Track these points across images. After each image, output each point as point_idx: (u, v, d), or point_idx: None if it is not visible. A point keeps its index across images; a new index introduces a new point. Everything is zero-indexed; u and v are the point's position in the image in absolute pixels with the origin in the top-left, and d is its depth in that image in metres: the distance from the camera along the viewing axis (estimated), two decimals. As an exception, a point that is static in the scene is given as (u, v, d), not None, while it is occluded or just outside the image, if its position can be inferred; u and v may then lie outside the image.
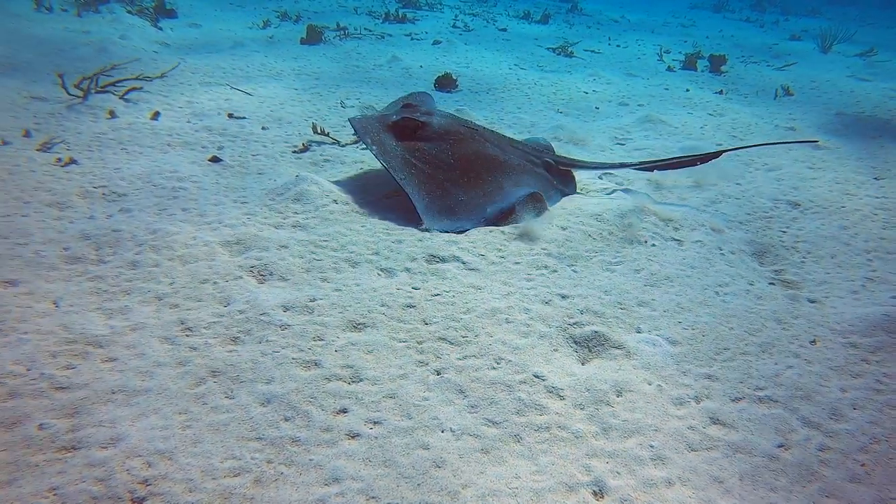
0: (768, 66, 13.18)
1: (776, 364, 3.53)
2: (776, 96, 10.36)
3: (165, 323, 3.48)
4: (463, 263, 4.35)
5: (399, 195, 5.15)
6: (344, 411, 2.96)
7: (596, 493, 2.64)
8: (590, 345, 3.65)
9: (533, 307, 3.91)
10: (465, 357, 3.41)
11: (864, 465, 2.88)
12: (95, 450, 2.59)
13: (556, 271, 4.38)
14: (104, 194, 4.95)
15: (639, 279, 4.37)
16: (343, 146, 6.65)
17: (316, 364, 3.25)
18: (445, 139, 5.20)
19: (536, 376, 3.31)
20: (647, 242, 4.89)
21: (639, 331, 3.80)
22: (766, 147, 7.09)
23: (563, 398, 3.19)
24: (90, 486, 2.41)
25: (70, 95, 6.78)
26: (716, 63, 12.64)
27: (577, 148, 7.07)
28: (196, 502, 2.41)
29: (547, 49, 13.86)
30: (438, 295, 3.97)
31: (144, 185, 5.17)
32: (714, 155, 5.73)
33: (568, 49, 13.69)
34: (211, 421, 2.83)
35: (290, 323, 3.57)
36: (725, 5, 26.06)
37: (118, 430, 2.70)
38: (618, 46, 15.27)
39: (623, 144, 7.49)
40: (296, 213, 4.90)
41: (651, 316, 3.95)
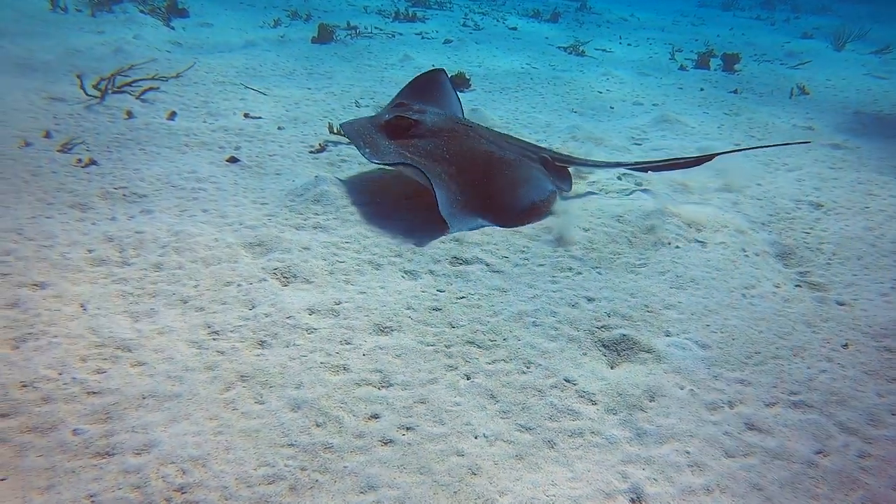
0: (782, 65, 13.09)
1: (809, 368, 3.48)
2: (792, 95, 10.28)
3: (192, 326, 3.46)
4: (487, 265, 4.32)
5: (420, 197, 5.12)
6: (375, 417, 2.93)
7: (634, 501, 2.61)
8: (618, 348, 3.61)
9: (560, 310, 3.87)
10: (495, 361, 3.38)
11: (905, 473, 2.83)
12: (130, 456, 2.57)
13: (581, 273, 4.35)
14: (125, 195, 4.93)
15: (664, 282, 4.33)
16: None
17: (344, 368, 3.23)
18: (440, 136, 5.13)
19: (567, 380, 3.28)
20: (671, 244, 4.84)
21: (667, 334, 3.76)
22: (786, 147, 7.03)
23: (595, 403, 3.16)
24: (127, 494, 2.39)
25: (88, 96, 6.77)
26: (729, 62, 12.55)
27: (596, 147, 7.02)
28: (232, 510, 2.39)
29: (558, 48, 13.80)
30: (464, 298, 3.94)
31: (164, 186, 5.16)
32: (707, 158, 5.79)
33: (579, 48, 13.62)
34: (242, 427, 2.81)
35: (317, 326, 3.54)
36: (734, 3, 25.90)
37: (151, 437, 2.68)
38: (629, 45, 15.19)
39: (640, 144, 7.43)
40: (316, 215, 4.88)
41: (679, 319, 3.91)
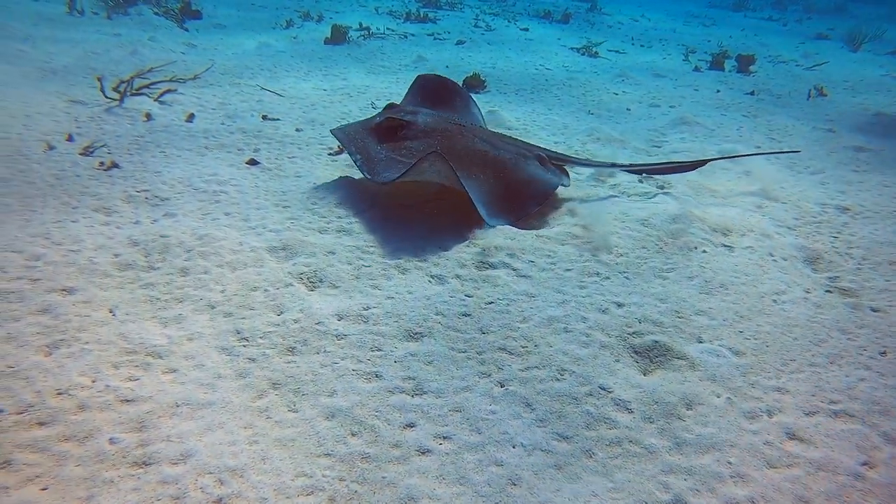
0: (797, 66, 13.00)
1: (847, 377, 3.43)
2: (810, 97, 10.20)
3: (221, 332, 3.43)
4: (514, 270, 4.27)
5: (441, 199, 5.08)
6: (411, 426, 2.89)
7: (678, 513, 2.56)
8: (651, 355, 3.56)
9: (590, 316, 3.82)
10: (528, 368, 3.34)
11: (952, 485, 2.77)
12: (167, 466, 2.54)
13: (609, 278, 4.30)
14: (147, 198, 4.91)
15: (693, 287, 4.27)
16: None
17: (377, 376, 3.19)
18: (433, 136, 5.03)
19: (602, 388, 3.23)
20: (697, 249, 4.79)
21: (700, 340, 3.70)
22: (808, 150, 6.97)
23: (632, 411, 3.11)
24: (166, 505, 2.36)
25: (107, 98, 6.76)
26: (744, 63, 12.47)
27: (616, 150, 6.97)
28: (273, 522, 2.35)
29: (571, 49, 13.75)
30: (492, 303, 3.89)
31: (185, 189, 5.13)
32: (701, 163, 5.77)
33: (592, 49, 13.57)
34: (277, 436, 2.77)
35: (346, 332, 3.51)
36: (745, 4, 25.81)
37: (187, 446, 2.64)
38: (641, 46, 15.13)
39: (660, 147, 7.38)
40: (339, 218, 4.84)
41: (710, 325, 3.85)
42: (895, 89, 10.86)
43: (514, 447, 2.82)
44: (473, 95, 9.24)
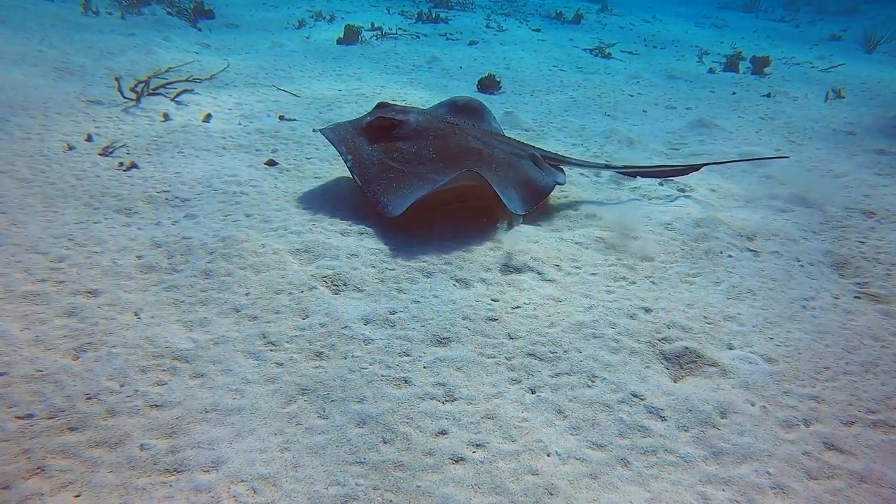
0: (812, 68, 12.90)
1: (884, 385, 3.36)
2: (827, 99, 10.10)
3: (247, 337, 3.39)
4: (539, 274, 4.22)
5: (462, 200, 5.04)
6: (444, 433, 2.84)
7: (719, 526, 2.51)
8: (681, 362, 3.50)
9: (619, 321, 3.77)
10: (558, 374, 3.29)
11: None
12: (199, 473, 2.50)
13: (635, 283, 4.24)
14: (167, 199, 4.87)
15: (720, 292, 4.22)
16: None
17: (406, 382, 3.14)
18: (425, 136, 4.96)
19: (634, 395, 3.18)
20: (723, 253, 4.73)
21: (730, 347, 3.65)
22: (829, 153, 6.90)
23: (665, 419, 3.05)
24: (200, 514, 2.32)
25: (125, 98, 6.74)
26: (759, 65, 12.38)
27: (634, 151, 6.91)
28: (308, 531, 2.31)
29: (583, 50, 13.68)
30: (519, 307, 3.84)
31: (205, 190, 5.10)
32: (694, 168, 5.72)
33: (605, 50, 13.50)
34: (308, 443, 2.73)
35: (373, 337, 3.46)
36: (756, 5, 25.67)
37: (218, 453, 2.60)
38: (654, 48, 15.05)
39: (678, 150, 7.31)
40: (360, 220, 4.79)
41: (740, 331, 3.80)
42: (914, 92, 10.77)
43: (549, 455, 2.77)
44: (489, 96, 9.21)
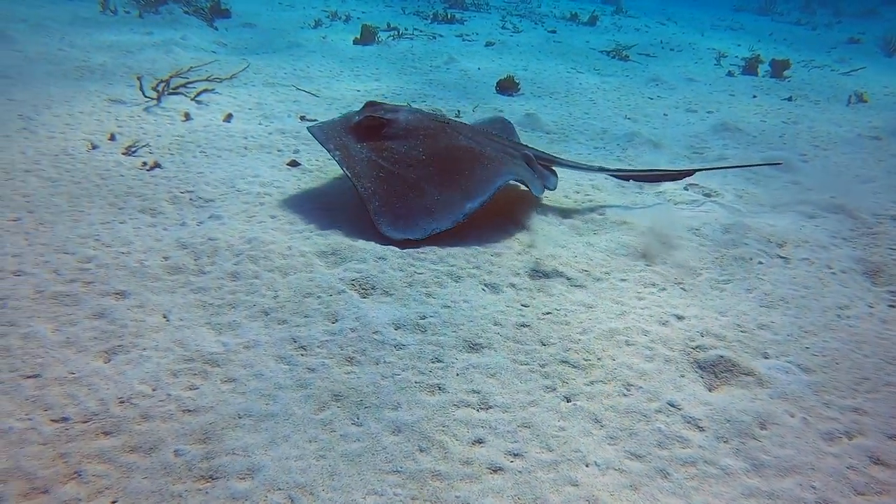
0: (832, 71, 12.77)
1: (927, 398, 3.29)
2: (850, 103, 9.99)
3: (277, 340, 3.35)
4: (568, 279, 4.17)
5: (492, 202, 4.98)
6: (480, 442, 2.79)
7: (765, 542, 2.44)
8: (716, 370, 3.44)
9: (651, 328, 3.71)
10: (593, 382, 3.23)
11: None
12: (234, 480, 2.45)
13: (666, 289, 4.18)
14: (191, 199, 4.85)
15: (752, 300, 4.15)
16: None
17: (440, 389, 3.09)
18: (415, 135, 4.88)
19: (671, 405, 3.12)
20: (753, 260, 4.66)
21: (766, 356, 3.58)
22: (855, 157, 6.81)
23: (703, 430, 2.99)
24: (239, 523, 2.27)
25: (146, 98, 6.73)
26: (778, 68, 12.27)
27: (657, 155, 6.84)
28: (348, 542, 2.26)
29: (601, 52, 13.61)
30: (550, 313, 3.79)
31: (229, 190, 5.07)
32: (688, 173, 5.67)
33: (622, 53, 13.42)
34: (343, 451, 2.68)
35: (405, 342, 3.42)
36: (772, 8, 25.48)
37: (253, 460, 2.56)
38: (671, 50, 14.95)
39: (702, 153, 7.23)
40: (385, 223, 4.74)
41: (775, 340, 3.73)
42: (939, 97, 10.64)
43: (588, 466, 2.71)
44: (508, 98, 9.15)
